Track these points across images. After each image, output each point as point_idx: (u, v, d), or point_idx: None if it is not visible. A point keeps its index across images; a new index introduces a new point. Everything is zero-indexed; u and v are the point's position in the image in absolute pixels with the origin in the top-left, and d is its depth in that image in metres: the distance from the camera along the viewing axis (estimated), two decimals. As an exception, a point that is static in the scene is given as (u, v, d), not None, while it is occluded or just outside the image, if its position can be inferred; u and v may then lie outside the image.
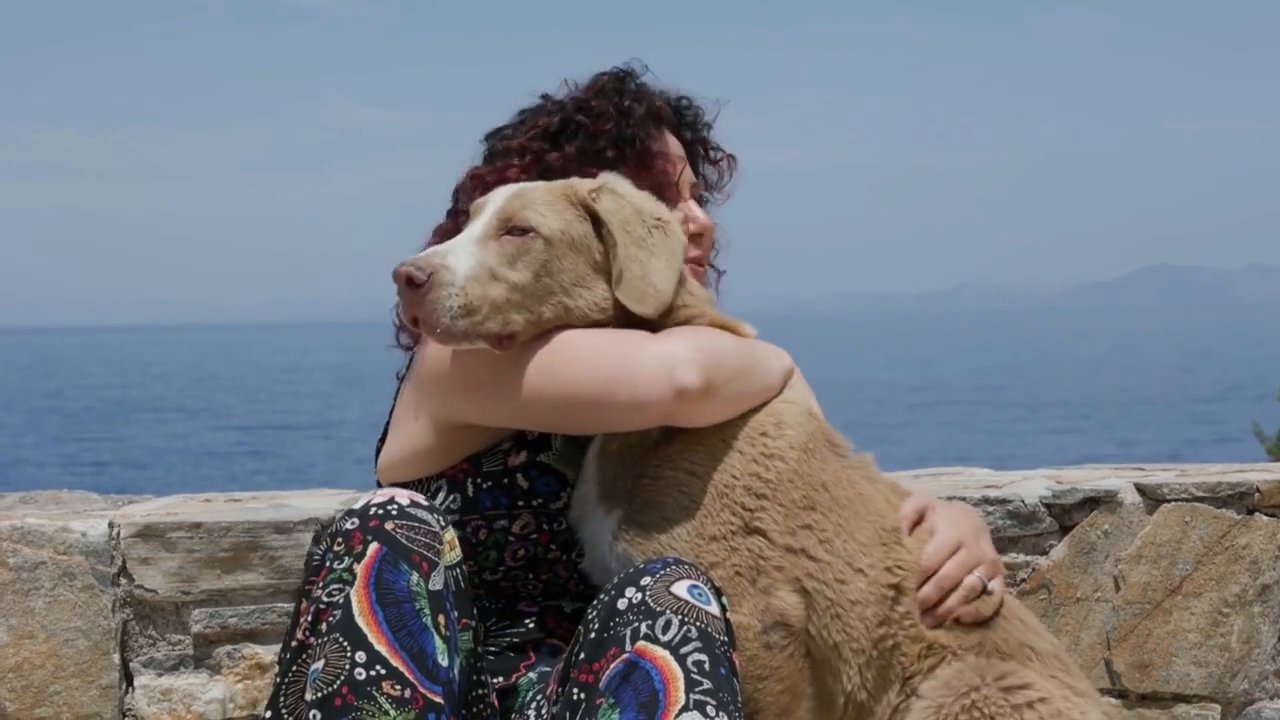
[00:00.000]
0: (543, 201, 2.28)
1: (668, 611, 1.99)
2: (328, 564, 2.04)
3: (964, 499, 3.02)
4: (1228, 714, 3.11)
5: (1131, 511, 3.10)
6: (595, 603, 2.07)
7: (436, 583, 2.04)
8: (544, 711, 2.20)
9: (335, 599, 2.01)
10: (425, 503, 2.11)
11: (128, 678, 2.98)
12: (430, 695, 1.99)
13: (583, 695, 2.01)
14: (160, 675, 2.98)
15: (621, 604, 2.02)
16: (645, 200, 2.34)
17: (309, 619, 2.03)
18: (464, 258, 2.21)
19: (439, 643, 2.02)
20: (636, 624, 1.99)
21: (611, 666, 1.98)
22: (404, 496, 2.10)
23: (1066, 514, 3.10)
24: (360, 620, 1.98)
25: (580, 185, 2.32)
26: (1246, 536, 3.10)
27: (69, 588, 2.94)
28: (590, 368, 2.22)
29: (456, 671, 2.07)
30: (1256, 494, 3.11)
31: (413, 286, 2.17)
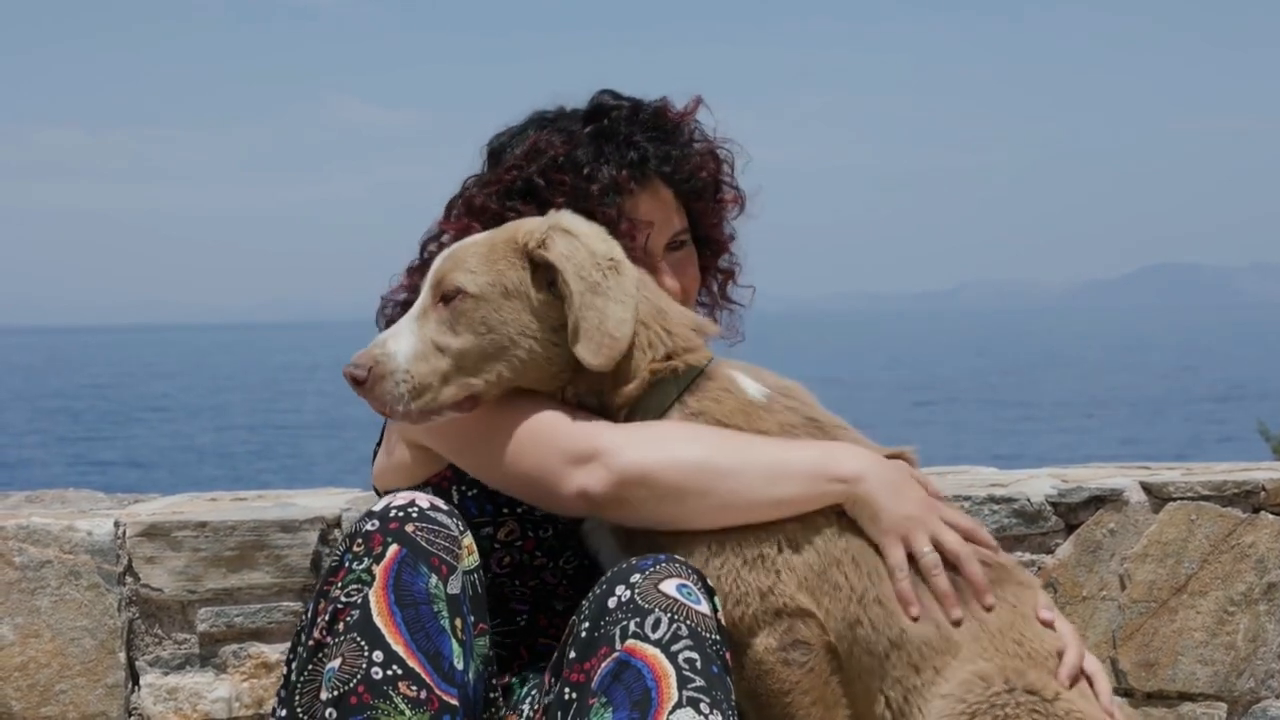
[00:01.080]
0: (473, 257, 2.22)
1: (656, 609, 1.99)
2: (347, 564, 2.04)
3: (969, 498, 3.02)
4: (1234, 712, 3.11)
5: (1137, 510, 3.10)
6: (586, 600, 2.07)
7: (454, 586, 2.04)
8: (537, 707, 2.20)
9: (353, 599, 2.01)
10: (445, 506, 2.11)
11: (133, 677, 2.98)
12: (446, 697, 1.99)
13: (574, 695, 2.01)
14: (166, 674, 2.98)
15: (611, 602, 2.02)
16: (598, 238, 2.24)
17: (326, 618, 2.03)
18: (404, 339, 2.20)
19: (455, 646, 2.02)
20: (626, 622, 1.99)
21: (603, 665, 1.98)
22: (424, 499, 2.10)
23: (1072, 513, 3.10)
24: (378, 620, 1.98)
25: (524, 233, 2.23)
26: (1252, 535, 3.10)
27: (75, 587, 2.94)
28: (524, 454, 2.21)
29: (472, 675, 2.07)
30: (1262, 492, 3.11)
31: (359, 384, 2.18)
